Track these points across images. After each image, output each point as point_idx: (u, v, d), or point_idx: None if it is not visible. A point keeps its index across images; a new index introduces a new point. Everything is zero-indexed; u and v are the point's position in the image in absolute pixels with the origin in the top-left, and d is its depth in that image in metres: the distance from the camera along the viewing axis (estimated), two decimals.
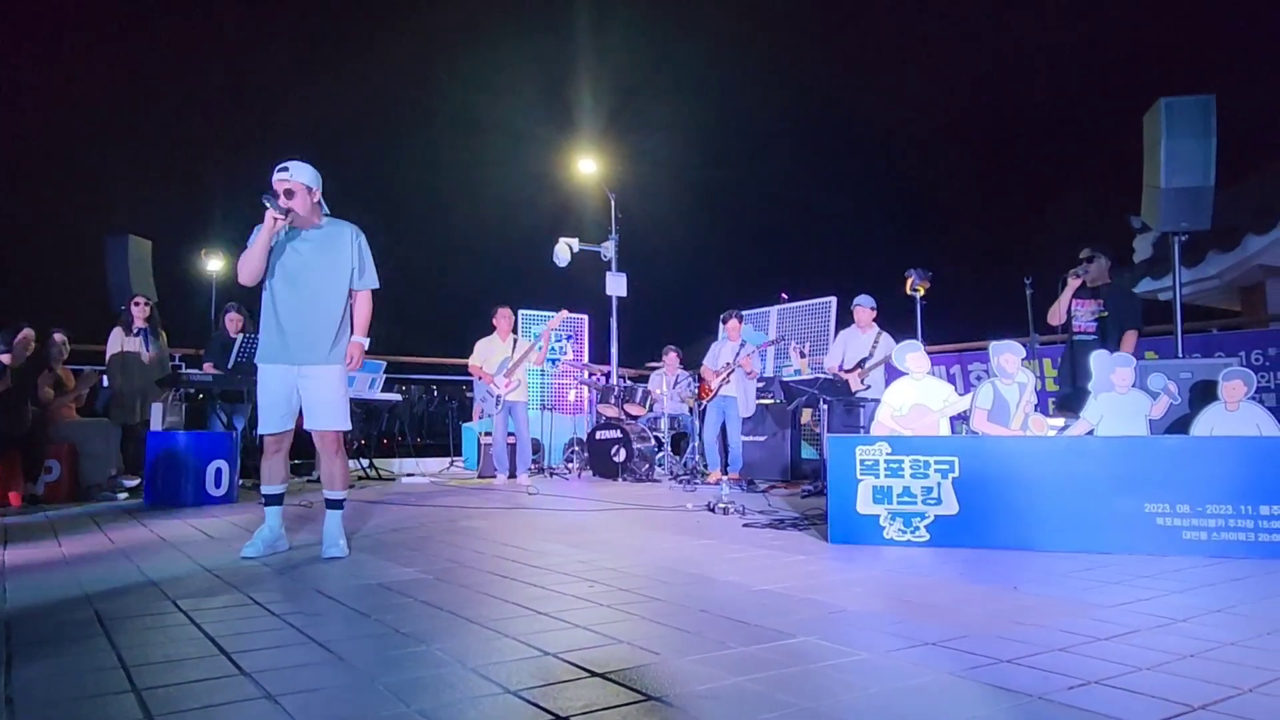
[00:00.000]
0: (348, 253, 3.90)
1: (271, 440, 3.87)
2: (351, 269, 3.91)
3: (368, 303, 3.99)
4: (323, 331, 3.81)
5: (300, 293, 3.81)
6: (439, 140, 28.63)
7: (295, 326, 3.79)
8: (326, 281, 3.85)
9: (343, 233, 3.92)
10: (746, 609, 2.68)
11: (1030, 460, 4.07)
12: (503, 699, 1.80)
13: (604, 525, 5.00)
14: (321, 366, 3.82)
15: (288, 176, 3.73)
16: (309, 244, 3.85)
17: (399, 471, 9.63)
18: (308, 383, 3.81)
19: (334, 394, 3.84)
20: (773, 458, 8.68)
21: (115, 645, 2.23)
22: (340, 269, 3.88)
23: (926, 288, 6.81)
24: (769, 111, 30.76)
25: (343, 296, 3.89)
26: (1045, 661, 2.08)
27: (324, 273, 3.84)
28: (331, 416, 3.85)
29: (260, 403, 3.86)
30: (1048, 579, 3.22)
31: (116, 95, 24.20)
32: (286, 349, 3.79)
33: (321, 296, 3.83)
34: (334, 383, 3.85)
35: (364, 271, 3.95)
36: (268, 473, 3.91)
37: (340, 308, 3.87)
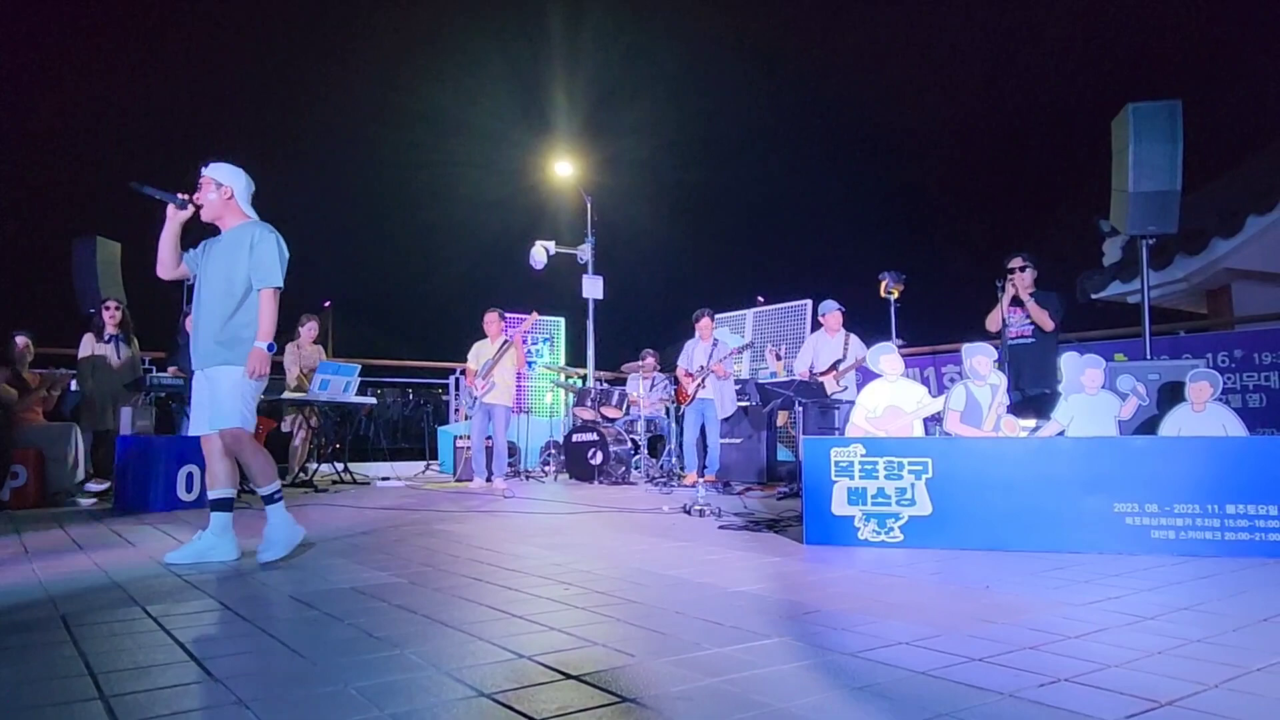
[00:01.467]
0: (245, 251, 3.76)
1: (202, 440, 3.87)
2: (249, 267, 3.76)
3: (268, 303, 3.77)
4: (213, 333, 3.74)
5: (204, 297, 3.80)
6: (414, 143, 28.52)
7: (198, 331, 3.79)
8: (220, 282, 3.77)
9: (247, 233, 3.79)
10: (721, 610, 2.68)
11: (1002, 461, 4.11)
12: (477, 702, 1.79)
13: (580, 528, 4.99)
14: (216, 368, 3.74)
15: (205, 170, 3.80)
16: (220, 247, 3.82)
17: (374, 475, 9.56)
18: (209, 384, 3.78)
19: (221, 393, 3.73)
20: (749, 460, 8.71)
21: (82, 652, 2.19)
22: (236, 268, 3.76)
23: (900, 290, 6.87)
24: (746, 115, 30.91)
25: (233, 296, 3.75)
26: (1016, 660, 2.10)
27: (221, 274, 3.77)
28: (219, 415, 3.74)
29: (191, 405, 3.94)
30: (1019, 578, 3.25)
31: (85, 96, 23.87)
32: (197, 355, 3.81)
33: (216, 299, 3.76)
34: (223, 382, 3.73)
35: (263, 271, 3.77)
36: (208, 476, 3.89)
37: (228, 308, 3.74)
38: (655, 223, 23.56)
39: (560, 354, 11.42)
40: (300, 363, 8.50)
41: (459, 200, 27.23)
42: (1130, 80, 22.01)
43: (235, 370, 3.74)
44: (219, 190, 3.81)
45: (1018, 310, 5.94)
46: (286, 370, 8.50)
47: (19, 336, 6.82)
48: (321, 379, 7.88)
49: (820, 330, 7.94)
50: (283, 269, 3.84)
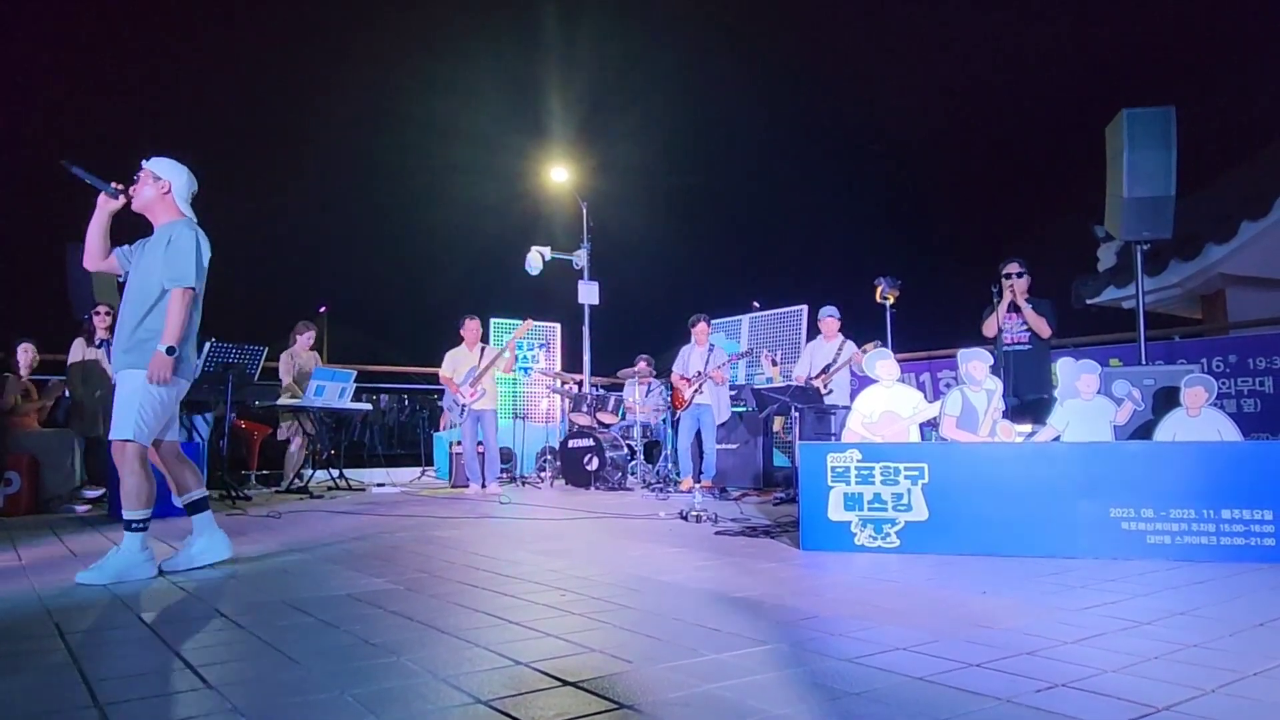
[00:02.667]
0: (161, 250, 3.58)
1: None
2: (161, 266, 3.58)
3: (175, 303, 3.53)
4: (126, 336, 3.57)
5: (124, 298, 3.66)
6: (409, 148, 28.50)
7: (116, 331, 3.66)
8: (137, 281, 3.62)
9: (166, 231, 3.62)
10: (718, 616, 2.68)
11: (998, 466, 4.12)
12: (474, 709, 1.78)
13: (576, 534, 4.98)
14: (122, 372, 3.57)
15: (144, 163, 3.70)
16: (145, 247, 3.69)
17: (369, 481, 9.54)
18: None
19: (121, 399, 3.51)
20: (745, 465, 8.71)
21: (76, 659, 2.19)
22: (153, 267, 3.58)
23: (896, 296, 6.88)
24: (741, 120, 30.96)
25: (146, 297, 3.57)
26: (1013, 665, 2.10)
27: (140, 273, 3.62)
28: (114, 423, 3.52)
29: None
30: (1016, 583, 3.26)
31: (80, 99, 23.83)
32: (113, 356, 3.66)
33: (132, 299, 3.61)
34: (125, 387, 3.53)
35: (174, 269, 3.54)
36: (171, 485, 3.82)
37: (141, 309, 3.57)
38: (651, 228, 23.57)
39: (556, 360, 11.41)
40: (295, 369, 8.48)
41: (455, 205, 27.23)
42: (1124, 85, 22.09)
43: (138, 375, 3.52)
44: (156, 184, 3.66)
45: (1014, 316, 5.96)
46: (281, 377, 8.48)
47: (22, 345, 6.81)
48: (317, 385, 7.86)
49: (819, 337, 7.96)
50: (199, 270, 3.61)
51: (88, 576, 3.34)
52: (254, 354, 7.01)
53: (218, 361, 6.78)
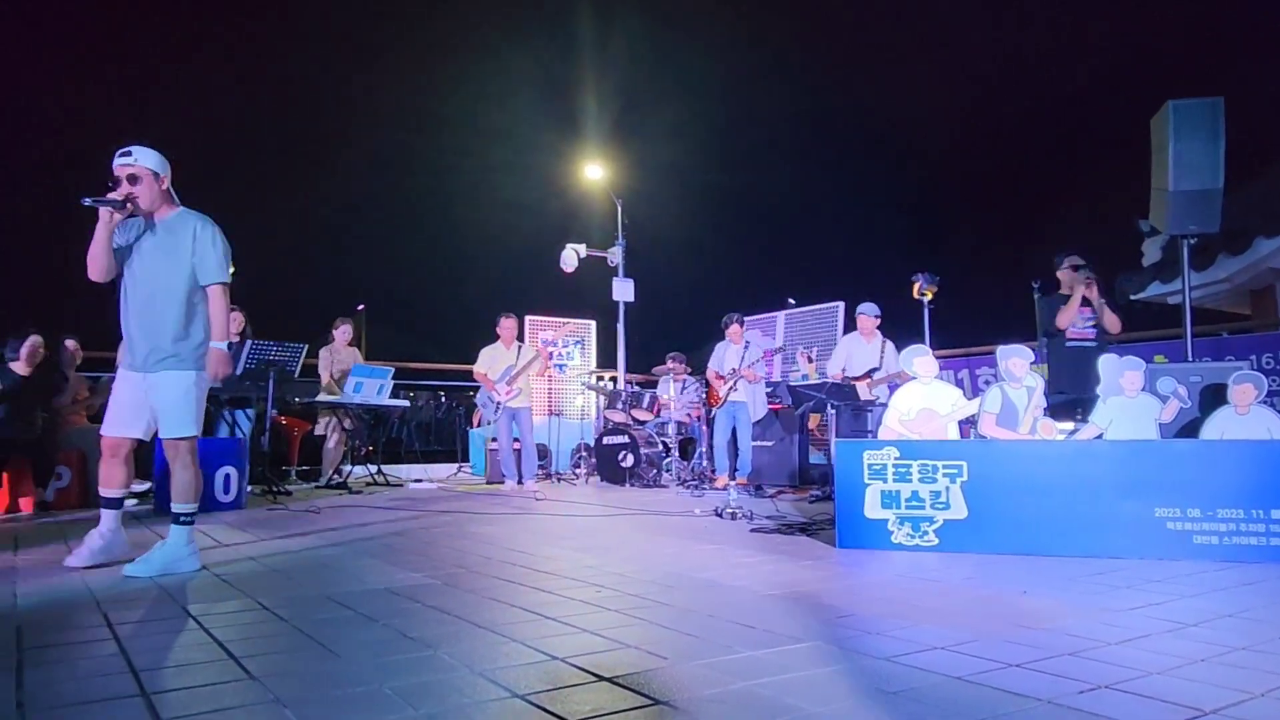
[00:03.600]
0: (189, 247, 3.54)
1: (109, 442, 3.58)
2: (193, 264, 3.56)
3: (218, 300, 3.59)
4: (162, 334, 3.51)
5: (141, 294, 3.53)
6: (446, 148, 28.73)
7: (137, 330, 3.53)
8: (165, 279, 3.53)
9: (188, 225, 3.57)
10: (754, 613, 2.67)
11: (1039, 464, 4.05)
12: (510, 703, 1.80)
13: (611, 530, 5.00)
14: (167, 373, 3.52)
15: (131, 161, 3.46)
16: (154, 240, 3.55)
17: (406, 477, 9.64)
18: (154, 389, 3.54)
19: (176, 399, 3.53)
20: (780, 463, 8.67)
21: (124, 649, 2.24)
22: (180, 264, 3.53)
23: (934, 292, 6.81)
24: (775, 116, 30.77)
25: (181, 295, 3.54)
26: (1055, 666, 2.06)
27: (163, 269, 3.53)
28: (172, 422, 3.54)
29: (110, 402, 3.61)
30: (1057, 583, 3.21)
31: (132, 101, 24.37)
32: (133, 356, 3.55)
33: (159, 296, 3.52)
34: (176, 388, 3.53)
35: (211, 265, 3.57)
36: (104, 475, 3.61)
37: (179, 308, 3.53)
38: (685, 225, 23.54)
39: (591, 357, 11.44)
40: (334, 366, 8.59)
41: (490, 204, 27.40)
42: (1169, 74, 21.58)
43: (188, 375, 3.56)
44: (157, 180, 3.52)
45: (1082, 310, 5.89)
46: (320, 374, 8.60)
47: (68, 340, 6.96)
48: (355, 382, 7.96)
49: (855, 333, 7.85)
50: (229, 263, 3.64)
51: (135, 569, 3.40)
52: (294, 351, 7.11)
53: (259, 359, 6.89)
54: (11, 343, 6.25)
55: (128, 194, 3.42)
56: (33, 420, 6.22)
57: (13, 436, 6.02)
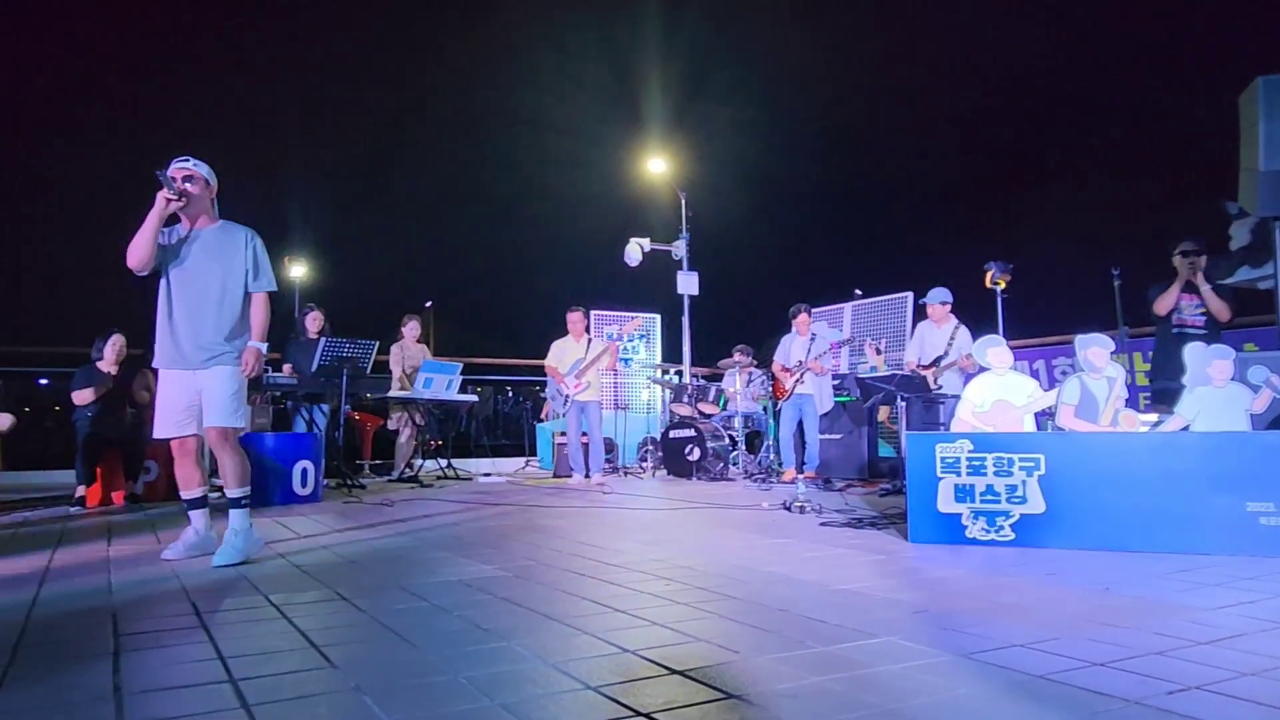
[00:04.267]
0: (242, 254, 3.83)
1: (174, 445, 3.82)
2: (246, 270, 3.84)
3: (263, 306, 3.91)
4: (216, 333, 3.75)
5: (192, 295, 3.75)
6: (509, 143, 29.03)
7: (188, 330, 3.73)
8: (219, 283, 3.78)
9: (237, 235, 3.86)
10: (825, 608, 2.64)
11: (1122, 457, 3.92)
12: (583, 694, 1.81)
13: (679, 524, 5.00)
14: (220, 368, 3.76)
15: (189, 165, 3.73)
16: (202, 246, 3.79)
17: (475, 471, 9.80)
18: (205, 383, 3.76)
19: (226, 391, 3.75)
20: (849, 456, 8.56)
21: (212, 637, 2.32)
22: (234, 271, 3.81)
23: (1008, 280, 6.63)
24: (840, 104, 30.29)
25: (237, 297, 3.82)
26: (1142, 665, 2.00)
27: (217, 275, 3.78)
28: (222, 413, 3.75)
29: (157, 406, 3.82)
30: (1142, 580, 3.10)
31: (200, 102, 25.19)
32: (181, 354, 3.74)
33: (212, 298, 3.76)
34: (226, 381, 3.76)
35: (259, 273, 3.88)
36: (181, 478, 3.89)
37: (234, 309, 3.81)
38: (750, 217, 23.36)
39: (656, 351, 11.45)
40: (404, 362, 8.77)
41: (555, 199, 27.60)
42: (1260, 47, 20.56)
43: (236, 370, 3.80)
44: (208, 188, 3.81)
45: (1190, 297, 5.71)
46: (391, 369, 8.78)
47: (112, 338, 7.21)
48: (425, 378, 8.11)
49: (927, 320, 7.64)
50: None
51: (223, 558, 3.57)
52: (366, 348, 7.28)
53: (333, 356, 7.07)
54: (97, 342, 6.53)
55: (184, 189, 3.66)
56: (122, 417, 6.49)
57: (104, 433, 6.30)
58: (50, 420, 10.77)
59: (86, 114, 23.97)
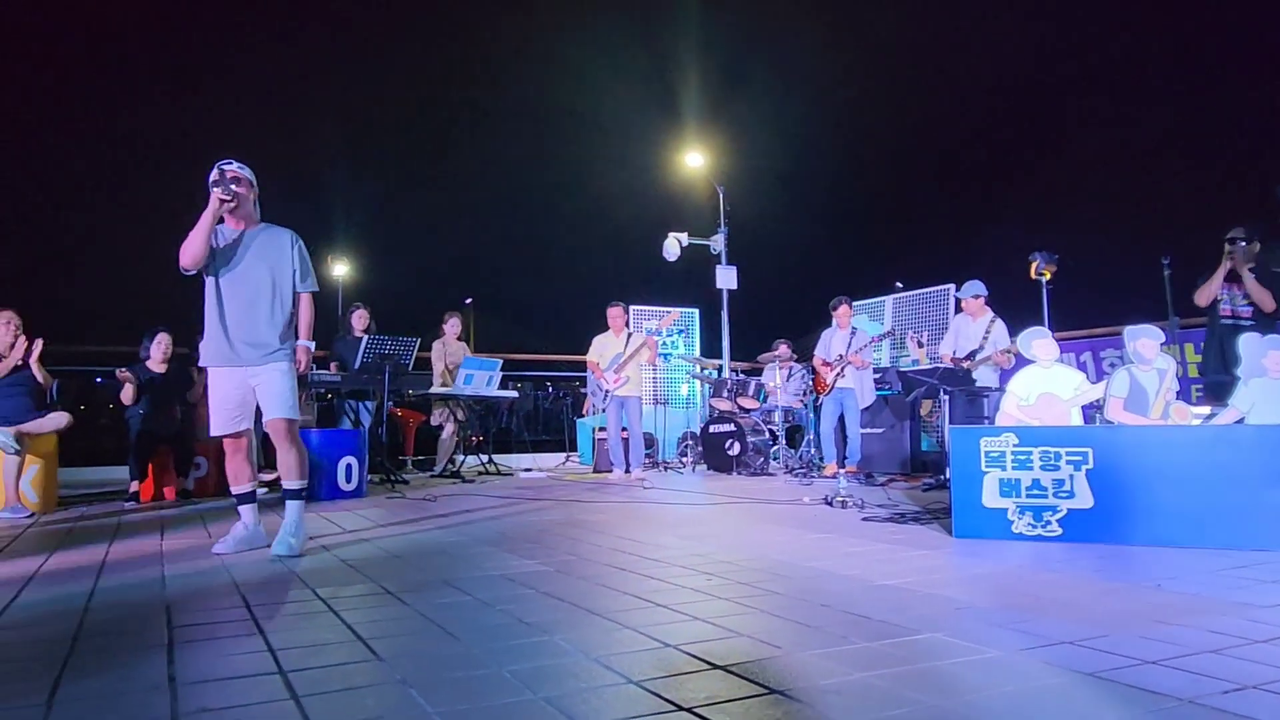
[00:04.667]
0: (289, 255, 3.95)
1: (228, 441, 3.92)
2: (293, 271, 3.96)
3: (310, 306, 4.05)
4: (267, 334, 3.85)
5: (243, 294, 3.85)
6: (546, 137, 29.15)
7: (241, 329, 3.83)
8: (270, 284, 3.89)
9: (282, 236, 3.97)
10: (869, 604, 2.62)
11: (1173, 451, 3.83)
12: (626, 689, 1.82)
13: (720, 519, 4.99)
14: (275, 364, 3.86)
15: (234, 167, 3.83)
16: (250, 247, 3.90)
17: (516, 466, 9.87)
18: (260, 379, 3.85)
19: (283, 385, 3.86)
20: (891, 450, 8.48)
21: (262, 630, 2.37)
22: (283, 271, 3.93)
23: (1053, 271, 6.52)
24: (879, 96, 29.94)
25: (287, 299, 3.95)
26: (1195, 664, 1.95)
27: (267, 275, 3.88)
28: (282, 405, 3.85)
29: (211, 404, 3.90)
30: (1195, 577, 3.03)
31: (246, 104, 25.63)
32: (234, 352, 3.83)
33: (264, 299, 3.87)
34: (284, 377, 3.88)
35: (305, 275, 4.00)
36: (232, 473, 3.98)
37: (285, 309, 3.93)
38: (789, 211, 23.25)
39: (695, 345, 11.43)
40: (445, 359, 8.86)
41: (593, 194, 27.73)
42: None
43: (291, 366, 3.92)
44: (253, 190, 3.93)
45: (1235, 287, 5.55)
46: (433, 366, 8.88)
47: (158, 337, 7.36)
48: (466, 374, 8.18)
49: (963, 313, 7.61)
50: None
51: (280, 550, 3.69)
52: (408, 345, 7.36)
53: (375, 353, 7.16)
54: (144, 341, 6.68)
55: (235, 191, 3.77)
56: (173, 415, 6.64)
57: (155, 430, 6.45)
58: (105, 418, 11.06)
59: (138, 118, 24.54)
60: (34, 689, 1.85)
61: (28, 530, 4.82)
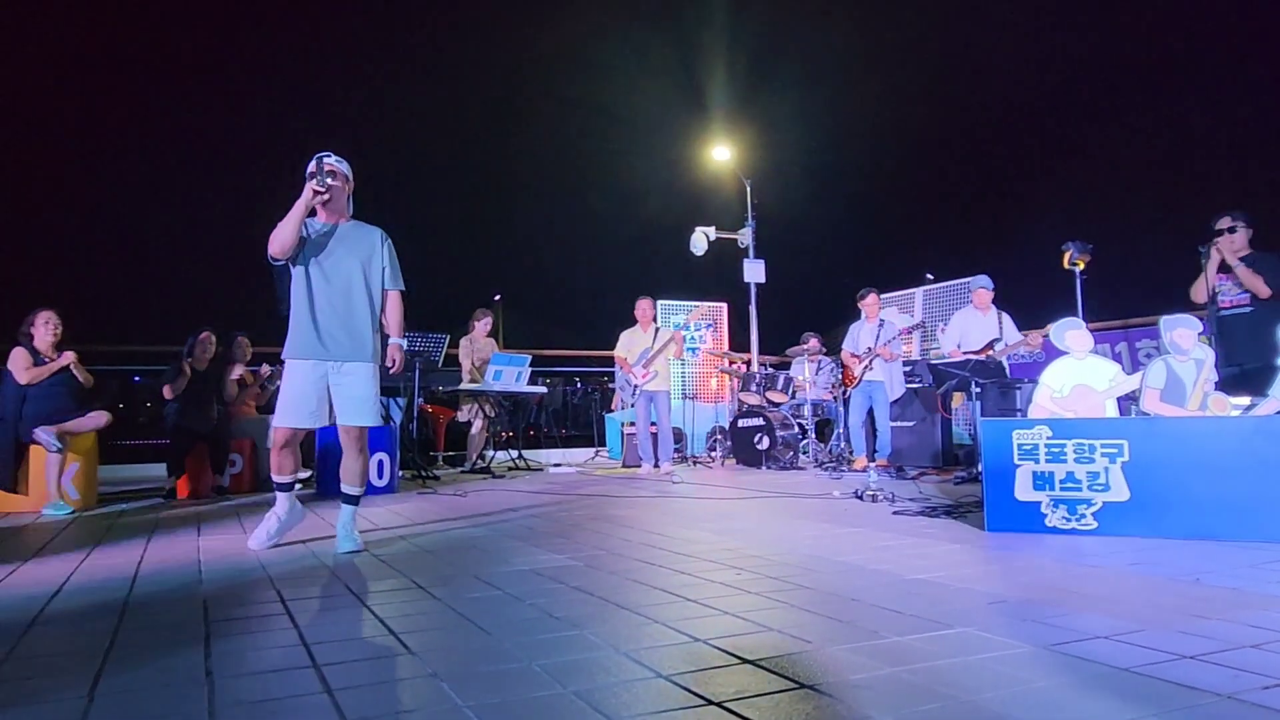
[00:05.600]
0: (380, 252, 3.94)
1: (285, 433, 3.84)
2: (383, 269, 3.95)
3: (399, 305, 4.04)
4: (360, 328, 3.83)
5: (335, 288, 3.81)
6: (575, 132, 29.22)
7: (331, 322, 3.79)
8: (361, 279, 3.87)
9: (373, 234, 3.96)
10: (899, 598, 2.60)
11: (1212, 442, 3.76)
12: (655, 683, 1.82)
13: (749, 513, 4.98)
14: (363, 364, 3.84)
15: (333, 160, 3.80)
16: (341, 241, 3.86)
17: (546, 462, 9.91)
18: (345, 379, 3.81)
19: (369, 390, 3.86)
20: (922, 443, 8.41)
21: (297, 624, 2.40)
22: (373, 269, 3.91)
23: (1087, 261, 6.42)
24: (906, 87, 29.63)
25: (377, 296, 3.93)
26: (1235, 659, 1.92)
27: (358, 270, 3.86)
28: (367, 412, 3.87)
29: (288, 395, 3.79)
30: (1234, 570, 2.97)
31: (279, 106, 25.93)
32: (322, 345, 3.77)
33: (356, 293, 3.85)
34: (369, 380, 3.86)
35: (395, 273, 4.00)
36: (279, 464, 3.89)
37: (375, 305, 3.92)
38: (818, 203, 23.12)
39: (724, 339, 11.40)
40: (473, 355, 8.91)
41: (621, 189, 27.78)
42: None
43: (375, 368, 3.90)
44: (348, 184, 3.91)
45: (1228, 277, 5.40)
46: (461, 363, 8.93)
47: (239, 336, 7.49)
48: (495, 370, 8.23)
49: (969, 307, 7.75)
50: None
51: (350, 544, 3.75)
52: (437, 342, 7.42)
53: (406, 350, 7.21)
54: (189, 339, 6.80)
55: (330, 184, 3.74)
56: (209, 413, 6.75)
57: (192, 427, 6.55)
58: (143, 416, 11.27)
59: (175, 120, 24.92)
60: (76, 681, 1.89)
61: (70, 526, 4.92)
